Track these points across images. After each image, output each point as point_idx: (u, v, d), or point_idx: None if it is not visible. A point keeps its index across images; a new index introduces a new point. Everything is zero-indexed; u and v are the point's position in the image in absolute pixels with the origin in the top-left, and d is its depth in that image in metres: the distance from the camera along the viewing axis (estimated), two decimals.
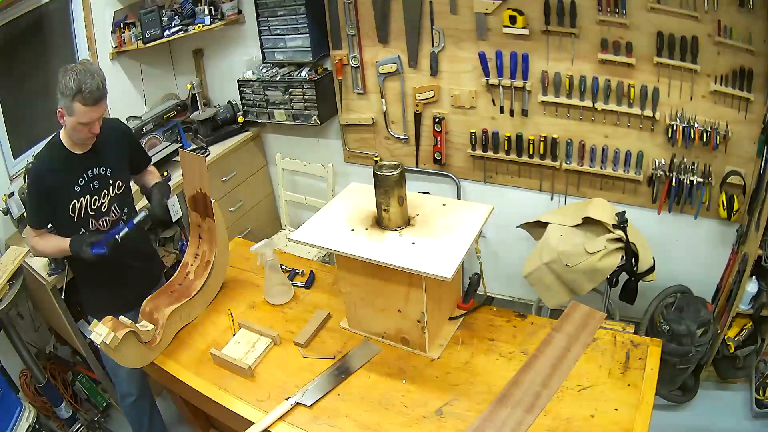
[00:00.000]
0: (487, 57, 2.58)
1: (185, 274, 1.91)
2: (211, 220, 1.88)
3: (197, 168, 1.84)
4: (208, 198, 1.85)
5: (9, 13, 2.54)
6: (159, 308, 1.78)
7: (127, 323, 1.61)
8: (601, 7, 2.28)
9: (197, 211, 1.90)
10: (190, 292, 1.86)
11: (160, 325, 1.74)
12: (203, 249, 1.93)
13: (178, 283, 1.90)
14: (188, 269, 1.92)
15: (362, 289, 1.65)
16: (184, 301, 1.83)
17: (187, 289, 1.87)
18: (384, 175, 1.52)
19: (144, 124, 3.02)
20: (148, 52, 3.18)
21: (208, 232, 1.91)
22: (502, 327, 1.71)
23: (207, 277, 1.89)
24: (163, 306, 1.79)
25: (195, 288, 1.87)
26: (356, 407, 1.50)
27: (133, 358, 1.67)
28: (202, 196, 1.85)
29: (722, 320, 2.44)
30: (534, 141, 2.68)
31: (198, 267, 1.92)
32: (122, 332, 1.56)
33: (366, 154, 3.18)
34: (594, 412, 1.39)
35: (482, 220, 1.59)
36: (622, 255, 2.25)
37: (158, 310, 1.77)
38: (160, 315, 1.76)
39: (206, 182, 1.83)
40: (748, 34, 2.09)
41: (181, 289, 1.88)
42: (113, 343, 1.54)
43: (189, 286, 1.88)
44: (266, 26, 2.99)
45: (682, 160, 2.42)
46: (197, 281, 1.89)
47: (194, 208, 1.90)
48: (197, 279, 1.89)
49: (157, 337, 1.72)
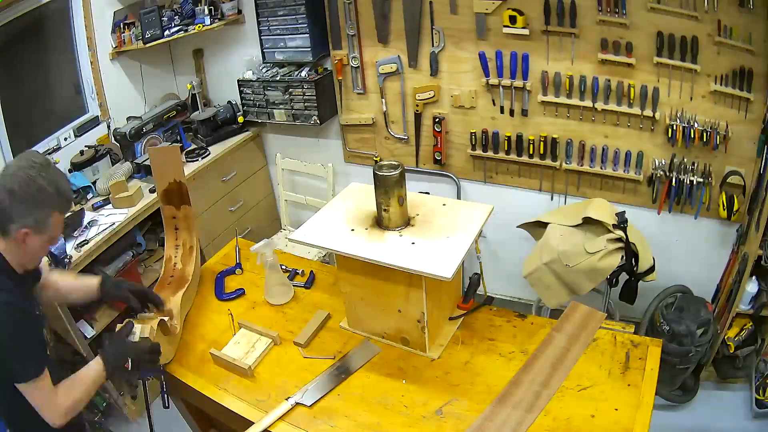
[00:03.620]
0: (487, 57, 2.58)
1: (173, 266, 1.92)
2: (188, 206, 1.90)
3: (171, 159, 1.86)
4: (184, 185, 1.87)
5: (9, 13, 2.55)
6: (167, 299, 1.78)
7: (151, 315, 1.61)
8: (601, 7, 2.28)
9: (172, 204, 1.91)
10: (186, 278, 1.87)
11: (176, 314, 1.74)
12: (183, 238, 1.94)
13: (170, 276, 1.90)
14: (174, 261, 1.93)
15: (362, 289, 1.65)
16: (187, 286, 1.84)
17: (182, 277, 1.88)
18: (384, 175, 1.52)
19: (144, 124, 3.02)
20: (148, 52, 3.19)
21: (185, 219, 1.93)
22: (502, 327, 1.71)
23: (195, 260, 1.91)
24: (170, 295, 1.79)
25: (189, 273, 1.89)
26: (356, 407, 1.50)
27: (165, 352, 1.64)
28: (177, 185, 1.87)
29: (722, 320, 2.44)
30: (534, 141, 2.68)
31: (183, 255, 1.93)
32: (155, 322, 1.57)
33: (366, 154, 3.18)
34: (594, 412, 1.39)
35: (482, 220, 1.59)
36: (622, 255, 2.25)
37: (167, 300, 1.77)
38: (171, 304, 1.76)
39: (181, 170, 1.87)
40: (748, 34, 2.09)
41: (175, 280, 1.88)
42: (151, 335, 1.54)
43: (182, 275, 1.89)
44: (266, 26, 2.99)
45: (682, 160, 2.42)
46: (188, 267, 1.90)
47: (168, 201, 1.91)
48: (187, 266, 1.91)
49: (176, 326, 1.72)
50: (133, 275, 2.76)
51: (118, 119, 3.13)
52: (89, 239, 2.47)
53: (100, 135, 3.06)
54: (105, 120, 3.09)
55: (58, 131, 2.86)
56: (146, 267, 2.99)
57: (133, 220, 2.68)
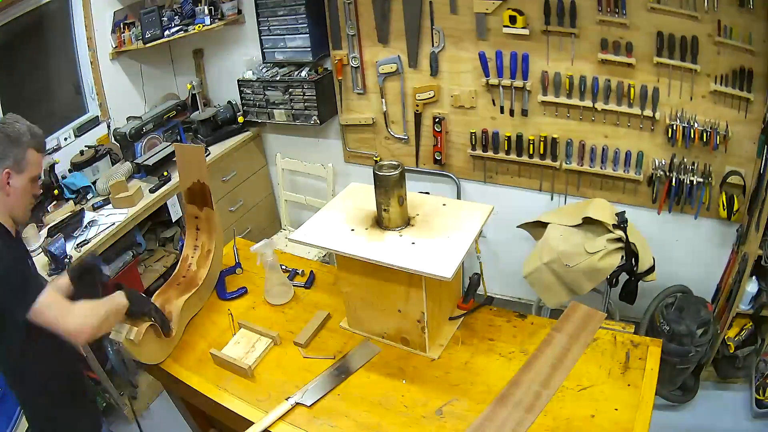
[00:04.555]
0: (487, 57, 2.58)
1: (188, 267, 1.92)
2: (210, 209, 1.89)
3: (195, 159, 1.85)
4: (207, 187, 1.85)
5: (9, 12, 2.55)
6: (170, 300, 1.78)
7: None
8: (601, 7, 2.28)
9: (194, 203, 1.90)
10: (196, 281, 1.87)
11: (175, 317, 1.74)
12: (202, 239, 1.94)
13: (182, 275, 1.90)
14: (189, 261, 1.93)
15: (362, 289, 1.65)
16: (194, 291, 1.84)
17: (193, 280, 1.88)
18: (384, 175, 1.52)
19: (144, 124, 3.02)
20: (148, 52, 3.19)
21: (207, 221, 1.92)
22: (502, 327, 1.71)
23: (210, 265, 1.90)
24: (174, 298, 1.79)
25: (200, 277, 1.88)
26: (356, 407, 1.50)
27: (154, 353, 1.66)
28: (200, 186, 1.86)
29: (722, 320, 2.44)
30: (534, 141, 2.68)
31: (199, 257, 1.93)
32: (144, 326, 1.56)
33: (366, 154, 3.18)
34: (594, 412, 1.39)
35: (482, 220, 1.59)
36: (622, 255, 2.25)
37: (169, 302, 1.78)
38: (173, 307, 1.76)
39: (205, 171, 1.85)
40: (748, 34, 2.09)
41: (186, 281, 1.89)
42: (137, 338, 1.53)
43: (194, 277, 1.89)
44: (266, 26, 2.99)
45: (682, 160, 2.42)
46: (201, 270, 1.90)
47: (191, 200, 1.90)
48: (201, 269, 1.90)
49: (173, 328, 1.72)
50: (133, 275, 2.76)
51: (118, 119, 3.13)
52: (89, 239, 2.48)
53: (100, 135, 3.07)
54: (105, 120, 3.09)
55: (58, 131, 2.86)
56: (146, 267, 2.99)
57: (133, 220, 2.69)
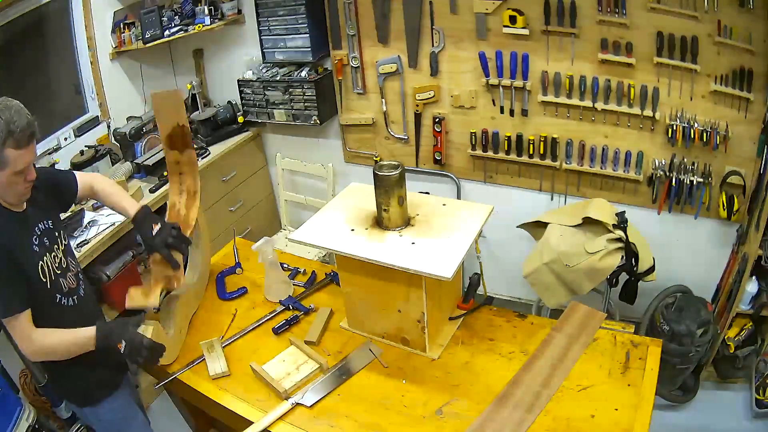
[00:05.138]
0: (487, 57, 2.58)
1: (177, 213, 1.90)
2: (191, 150, 1.90)
3: (173, 103, 1.86)
4: (187, 128, 1.87)
5: (9, 12, 2.55)
6: None
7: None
8: (601, 7, 2.28)
9: (176, 148, 1.90)
10: (189, 223, 1.86)
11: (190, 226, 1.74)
12: (187, 183, 1.94)
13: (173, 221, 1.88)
14: (177, 207, 1.91)
15: (362, 289, 1.65)
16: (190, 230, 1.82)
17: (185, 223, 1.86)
18: (384, 175, 1.52)
19: (144, 124, 3.02)
20: (148, 52, 3.19)
21: (189, 163, 1.92)
22: (502, 327, 1.71)
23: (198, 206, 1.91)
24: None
25: (192, 218, 1.87)
26: (356, 407, 1.50)
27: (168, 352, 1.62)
28: (180, 129, 1.87)
29: (722, 320, 2.44)
30: (534, 141, 2.68)
31: (187, 200, 1.92)
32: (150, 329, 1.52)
33: (366, 154, 3.18)
34: (594, 412, 1.39)
35: (482, 220, 1.59)
36: (622, 255, 2.25)
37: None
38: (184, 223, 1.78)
39: (183, 114, 1.87)
40: (748, 34, 2.09)
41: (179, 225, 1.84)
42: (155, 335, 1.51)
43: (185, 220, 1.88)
44: (266, 26, 2.99)
45: (682, 160, 2.42)
46: (191, 212, 1.89)
47: (172, 146, 1.90)
48: (190, 210, 1.90)
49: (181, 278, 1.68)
50: (133, 275, 2.76)
51: (118, 119, 3.12)
52: (89, 239, 2.47)
53: (100, 135, 3.06)
54: (105, 120, 3.09)
55: (58, 131, 2.86)
56: (146, 267, 2.98)
57: None
